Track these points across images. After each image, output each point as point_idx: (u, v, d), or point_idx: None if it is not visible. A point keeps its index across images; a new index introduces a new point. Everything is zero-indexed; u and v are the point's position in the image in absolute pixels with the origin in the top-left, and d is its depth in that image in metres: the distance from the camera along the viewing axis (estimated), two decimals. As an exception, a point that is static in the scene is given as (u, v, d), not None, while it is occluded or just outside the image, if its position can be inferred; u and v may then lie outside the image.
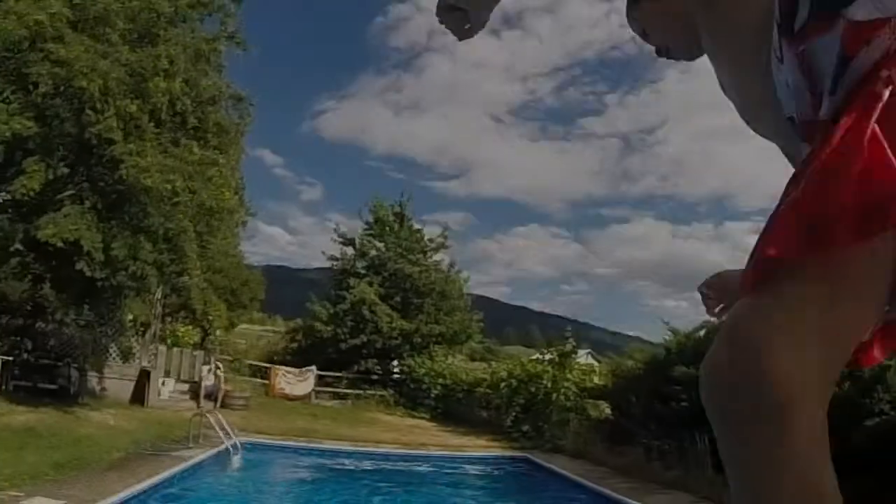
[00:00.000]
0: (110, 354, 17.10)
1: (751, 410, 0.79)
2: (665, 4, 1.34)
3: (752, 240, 1.22)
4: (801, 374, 0.78)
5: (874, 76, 0.84)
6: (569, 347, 18.30)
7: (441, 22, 1.27)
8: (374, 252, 28.09)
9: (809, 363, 0.79)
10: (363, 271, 28.03)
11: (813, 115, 0.94)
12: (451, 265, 28.83)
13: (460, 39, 1.29)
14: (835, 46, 0.88)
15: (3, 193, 12.19)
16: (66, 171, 12.36)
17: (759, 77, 1.11)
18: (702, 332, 12.80)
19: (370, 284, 26.40)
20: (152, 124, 12.17)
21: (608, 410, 15.19)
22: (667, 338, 13.17)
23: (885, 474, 8.16)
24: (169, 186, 11.49)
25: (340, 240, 28.75)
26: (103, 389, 16.68)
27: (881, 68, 0.84)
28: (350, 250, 28.65)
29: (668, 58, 1.40)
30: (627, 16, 1.41)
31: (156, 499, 8.47)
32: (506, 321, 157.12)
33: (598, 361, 23.42)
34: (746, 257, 0.90)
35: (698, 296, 1.49)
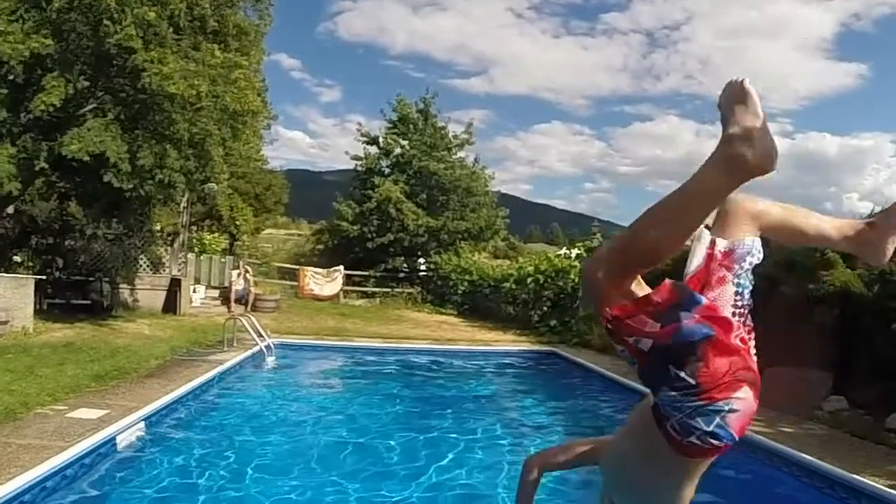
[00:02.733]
0: (140, 266, 17.35)
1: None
2: None
3: (778, 141, 1.58)
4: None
5: None
6: (595, 242, 18.26)
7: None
8: (398, 150, 27.84)
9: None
10: (388, 170, 27.92)
11: None
12: (476, 161, 28.63)
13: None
14: None
15: (25, 113, 12.12)
16: (86, 84, 12.24)
17: None
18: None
19: (395, 182, 26.34)
20: (171, 30, 11.93)
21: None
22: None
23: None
24: (193, 92, 11.38)
25: (364, 139, 28.44)
26: (136, 301, 17.03)
27: None
28: (374, 149, 28.39)
29: None
30: None
31: (196, 402, 8.74)
32: (528, 219, 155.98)
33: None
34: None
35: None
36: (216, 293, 20.28)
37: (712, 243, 1.89)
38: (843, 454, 6.70)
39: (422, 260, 26.92)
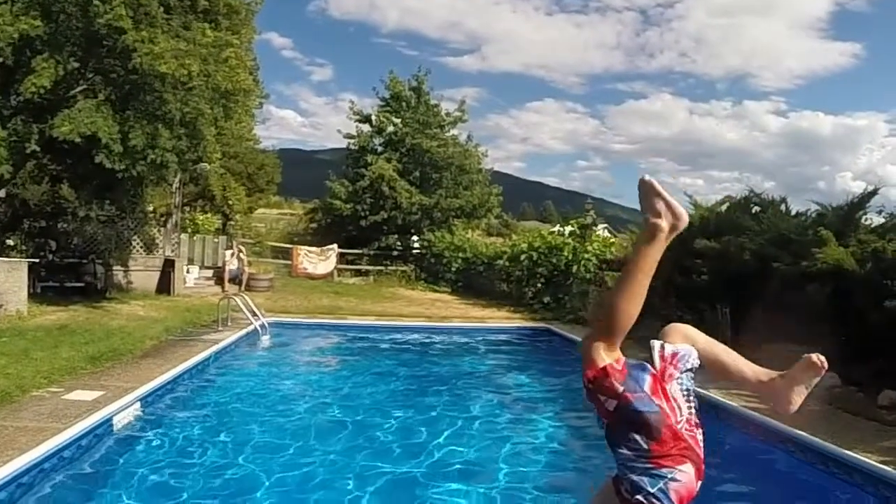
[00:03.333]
0: (134, 247, 17.28)
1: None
2: None
3: (771, 120, 1.42)
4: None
5: None
6: (589, 219, 18.27)
7: None
8: (391, 128, 27.67)
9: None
10: (381, 148, 27.80)
11: None
12: (469, 138, 28.52)
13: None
14: None
15: (15, 96, 12.01)
16: (76, 65, 12.12)
17: None
18: (723, 207, 12.63)
19: (388, 160, 26.24)
20: (161, 10, 11.82)
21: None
22: (690, 212, 12.96)
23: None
24: (185, 71, 11.29)
25: (356, 117, 28.27)
26: (130, 282, 16.97)
27: None
28: (366, 127, 28.23)
29: None
30: None
31: (191, 381, 8.76)
32: (521, 197, 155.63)
33: (615, 236, 23.41)
34: (764, 138, 1.24)
35: (715, 174, 2.04)
36: (210, 273, 20.28)
37: (662, 347, 2.37)
38: (836, 430, 6.75)
39: (415, 238, 26.89)
